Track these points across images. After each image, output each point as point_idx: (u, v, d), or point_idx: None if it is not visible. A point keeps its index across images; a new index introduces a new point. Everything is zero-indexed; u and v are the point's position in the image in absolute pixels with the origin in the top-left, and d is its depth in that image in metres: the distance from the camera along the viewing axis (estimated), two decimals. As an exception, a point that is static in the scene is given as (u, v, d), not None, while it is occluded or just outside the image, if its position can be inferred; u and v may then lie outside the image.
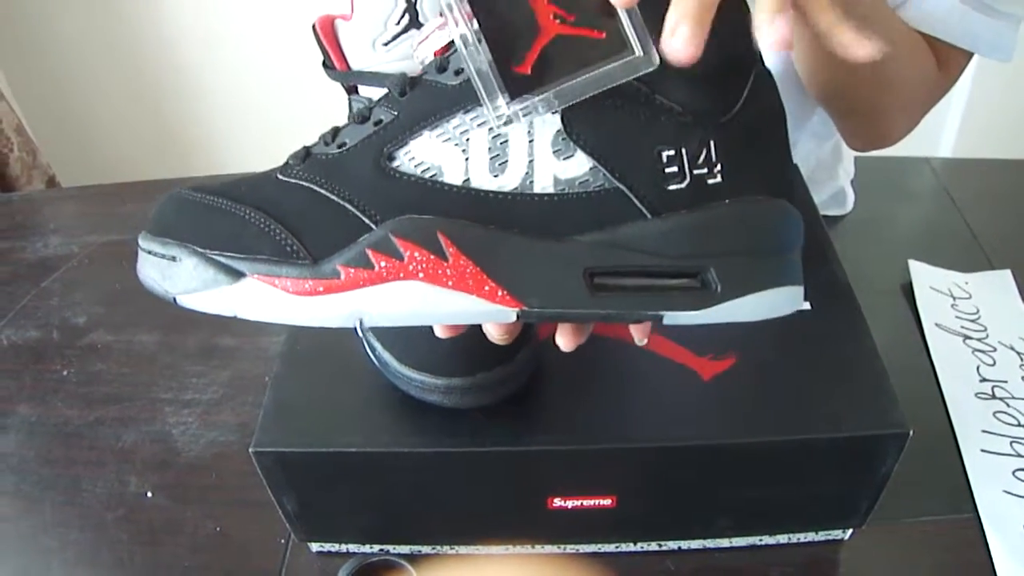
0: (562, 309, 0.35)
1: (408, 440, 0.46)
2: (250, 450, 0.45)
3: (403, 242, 0.34)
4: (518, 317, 0.35)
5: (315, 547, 0.53)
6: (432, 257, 0.34)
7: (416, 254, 0.34)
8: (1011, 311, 0.68)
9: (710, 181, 0.35)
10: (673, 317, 0.36)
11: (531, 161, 0.35)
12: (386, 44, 0.45)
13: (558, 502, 0.48)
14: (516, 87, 0.33)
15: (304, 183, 0.36)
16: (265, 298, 0.35)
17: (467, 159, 0.35)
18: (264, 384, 0.49)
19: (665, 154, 0.35)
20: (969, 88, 1.53)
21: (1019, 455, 0.56)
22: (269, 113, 1.71)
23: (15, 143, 1.49)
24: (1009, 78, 1.47)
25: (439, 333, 0.39)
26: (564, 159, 0.35)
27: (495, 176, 0.35)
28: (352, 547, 0.53)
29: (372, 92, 0.47)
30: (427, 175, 0.35)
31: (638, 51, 0.33)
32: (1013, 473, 0.55)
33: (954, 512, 0.53)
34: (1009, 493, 0.54)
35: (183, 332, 0.72)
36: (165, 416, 0.64)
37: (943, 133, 1.65)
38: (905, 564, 0.52)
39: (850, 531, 0.52)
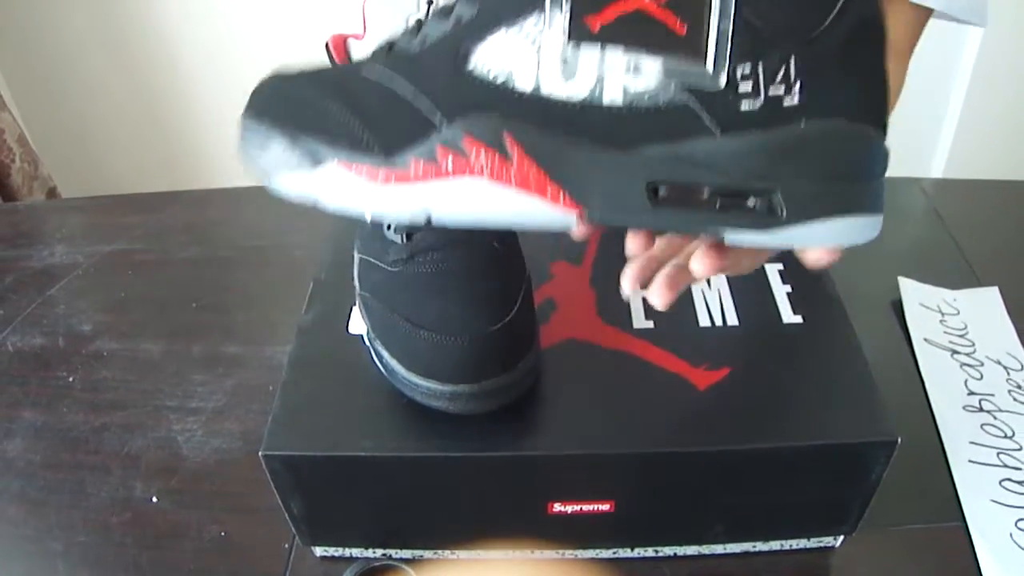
0: (623, 217, 0.36)
1: (414, 445, 0.47)
2: (260, 453, 0.46)
3: (470, 140, 0.35)
4: (579, 221, 0.36)
5: (319, 551, 0.54)
6: (497, 157, 0.35)
7: (482, 153, 0.35)
8: (998, 327, 0.70)
9: (786, 102, 0.34)
10: (734, 236, 0.36)
11: (601, 72, 0.34)
12: (396, 62, 0.47)
13: (558, 507, 0.49)
14: (578, 33, 0.34)
15: (384, 77, 0.37)
16: (344, 184, 0.36)
17: (538, 65, 0.35)
18: (268, 392, 0.51)
19: (740, 71, 0.34)
20: (960, 110, 1.56)
21: (1005, 465, 0.58)
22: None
23: (17, 153, 1.49)
24: (1000, 100, 1.50)
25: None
26: (634, 72, 0.34)
27: (565, 84, 0.35)
28: (355, 551, 0.54)
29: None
30: (499, 79, 0.35)
31: (708, 67, 0.33)
32: (1000, 483, 0.57)
33: (942, 521, 0.55)
34: (996, 502, 0.56)
35: (188, 340, 0.73)
36: (170, 423, 0.65)
37: (935, 154, 1.67)
38: (895, 571, 0.53)
39: (841, 538, 0.53)
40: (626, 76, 0.34)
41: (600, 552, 0.53)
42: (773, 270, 0.58)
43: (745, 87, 0.34)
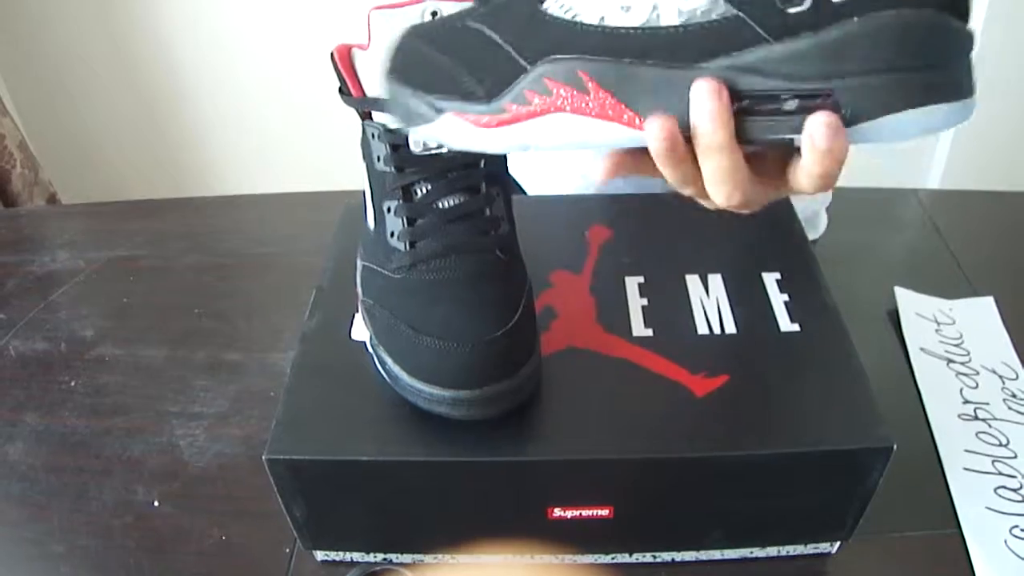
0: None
1: (416, 450, 0.48)
2: (264, 457, 0.47)
3: (551, 81, 0.38)
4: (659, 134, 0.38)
5: (320, 555, 0.55)
6: (575, 92, 0.38)
7: (562, 91, 0.38)
8: (993, 336, 0.71)
9: (834, 0, 0.34)
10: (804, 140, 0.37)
11: None
12: (401, 72, 0.47)
13: (558, 512, 0.49)
14: None
15: (481, 28, 0.41)
16: (459, 130, 0.41)
17: (600, 1, 0.38)
18: (270, 399, 0.51)
19: None
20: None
21: (1000, 473, 0.59)
22: (273, 133, 1.73)
23: (18, 159, 1.50)
24: (996, 112, 1.51)
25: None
26: None
27: (625, 15, 0.37)
28: (356, 556, 0.54)
29: (385, 118, 0.49)
30: (569, 16, 0.38)
31: None
32: (995, 490, 0.57)
33: (938, 528, 0.55)
34: (991, 509, 0.56)
35: (190, 347, 0.73)
36: (172, 428, 0.65)
37: (932, 165, 1.68)
38: (891, 577, 0.54)
39: (837, 544, 0.54)
40: None
41: (599, 557, 0.54)
42: (771, 279, 0.58)
43: None
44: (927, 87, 0.34)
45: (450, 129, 0.41)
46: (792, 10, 0.34)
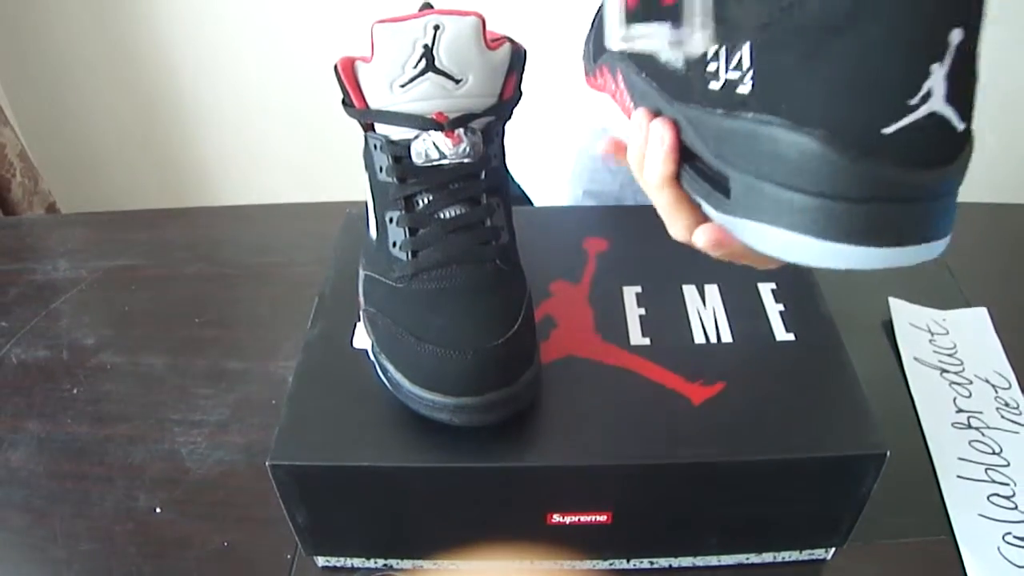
0: None
1: (418, 456, 0.48)
2: (267, 463, 0.47)
3: (604, 68, 0.49)
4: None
5: (321, 561, 0.55)
6: (611, 81, 0.48)
7: (608, 76, 0.49)
8: (986, 346, 0.72)
9: (739, 89, 0.32)
10: (706, 210, 0.37)
11: (648, 36, 0.37)
12: (403, 86, 0.48)
13: (557, 517, 0.50)
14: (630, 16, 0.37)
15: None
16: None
17: (611, 32, 0.40)
18: (271, 406, 0.52)
19: (711, 49, 0.33)
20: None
21: (993, 481, 0.59)
22: (274, 144, 1.73)
23: (17, 168, 1.51)
24: (992, 123, 1.52)
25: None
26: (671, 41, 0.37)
27: (627, 44, 0.40)
28: (356, 562, 0.55)
29: (388, 130, 0.50)
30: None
31: (689, 41, 0.34)
32: (988, 498, 0.58)
33: (932, 534, 0.56)
34: (984, 517, 0.57)
35: (191, 355, 0.74)
36: (174, 435, 0.66)
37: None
38: (885, 583, 0.55)
39: (832, 550, 0.54)
40: (664, 42, 0.36)
41: (597, 563, 0.54)
42: (766, 289, 0.59)
43: (712, 66, 0.33)
44: (791, 209, 0.31)
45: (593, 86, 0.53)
46: (711, 85, 0.34)
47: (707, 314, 0.57)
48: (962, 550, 0.55)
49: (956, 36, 0.25)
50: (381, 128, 0.51)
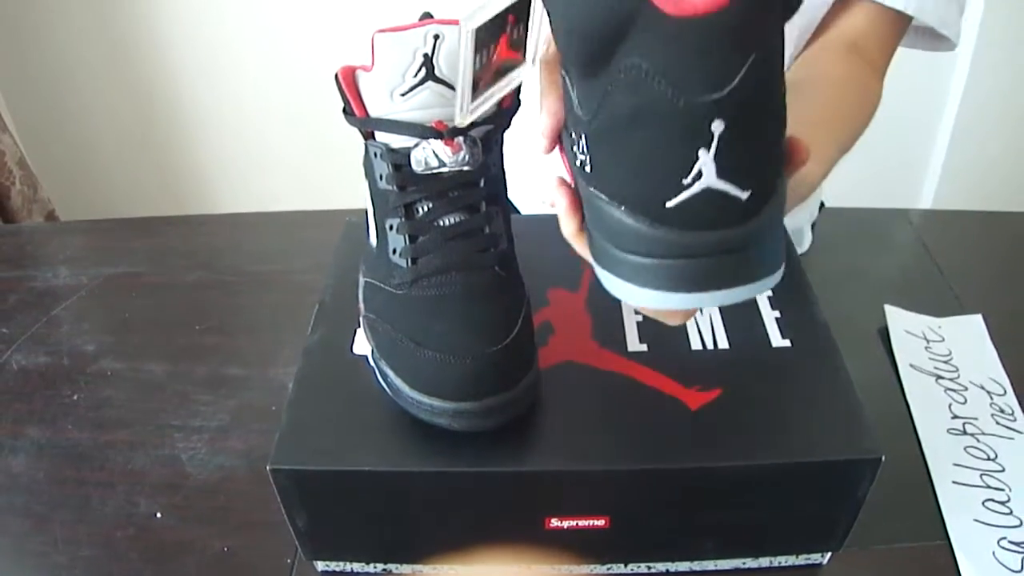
0: None
1: (417, 461, 0.49)
2: (267, 467, 0.48)
3: None
4: None
5: (320, 566, 0.55)
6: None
7: None
8: (981, 353, 0.72)
9: (586, 168, 0.37)
10: (590, 261, 0.41)
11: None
12: (403, 94, 0.49)
13: (555, 522, 0.50)
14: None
15: None
16: None
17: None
18: (271, 413, 0.52)
19: (572, 132, 0.39)
20: (948, 144, 1.59)
21: (988, 486, 0.60)
22: (273, 149, 1.74)
23: (17, 176, 1.51)
24: (987, 133, 1.53)
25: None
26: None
27: None
28: (356, 566, 0.55)
29: (388, 138, 0.50)
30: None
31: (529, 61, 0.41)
32: (983, 503, 0.58)
33: (927, 539, 0.57)
34: (979, 522, 0.57)
35: (192, 362, 0.74)
36: (174, 441, 0.66)
37: (923, 186, 1.70)
38: (881, 588, 0.55)
39: (828, 555, 0.55)
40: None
41: (595, 568, 0.55)
42: (762, 296, 0.60)
43: (574, 148, 0.38)
44: (643, 271, 0.36)
45: None
46: (576, 161, 0.39)
47: (704, 321, 0.58)
48: (957, 555, 0.55)
49: (718, 126, 0.30)
50: (381, 136, 0.51)
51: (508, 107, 0.52)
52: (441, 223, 0.51)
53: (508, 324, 0.50)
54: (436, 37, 0.48)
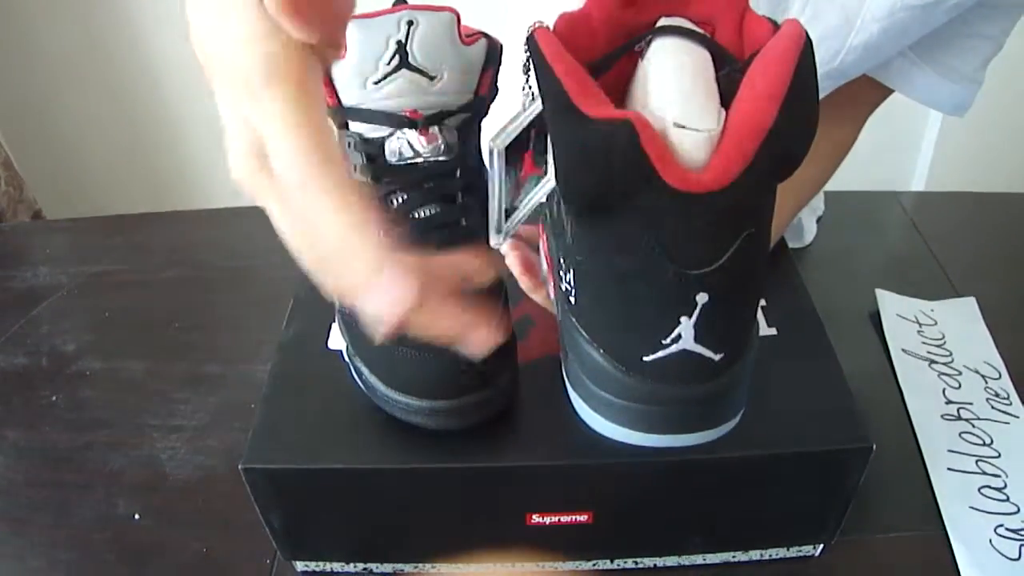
0: None
1: (393, 458, 0.47)
2: (239, 466, 0.47)
3: None
4: None
5: (300, 566, 0.54)
6: None
7: None
8: (976, 336, 0.71)
9: (570, 298, 0.38)
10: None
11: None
12: (376, 83, 0.47)
13: (536, 518, 0.49)
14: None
15: None
16: None
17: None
18: (251, 410, 0.51)
19: (562, 258, 0.40)
20: (939, 126, 1.58)
21: (984, 473, 0.59)
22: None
23: (2, 177, 1.50)
24: (978, 114, 1.51)
25: None
26: None
27: None
28: (336, 566, 0.54)
29: (362, 128, 0.49)
30: None
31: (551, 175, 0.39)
32: (979, 490, 0.57)
33: (922, 528, 0.55)
34: (975, 509, 0.56)
35: (171, 360, 0.73)
36: (153, 441, 0.65)
37: (916, 168, 1.69)
38: (875, 578, 0.54)
39: (820, 547, 0.54)
40: None
41: (580, 564, 0.53)
42: (750, 283, 0.58)
43: (564, 274, 0.39)
44: (615, 410, 0.38)
45: None
46: (562, 285, 0.40)
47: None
48: (953, 543, 0.54)
49: (702, 298, 0.31)
50: (355, 126, 0.50)
51: (485, 94, 0.51)
52: (417, 215, 0.50)
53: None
54: (410, 23, 0.47)
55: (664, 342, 0.33)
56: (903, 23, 0.57)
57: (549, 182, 0.40)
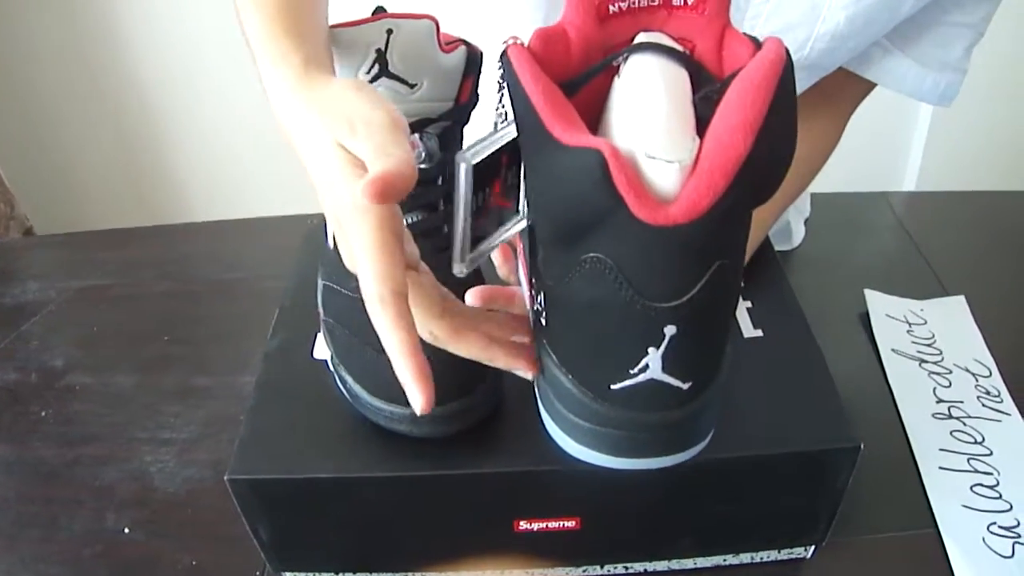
0: None
1: (378, 466, 0.47)
2: (225, 478, 0.46)
3: None
4: None
5: (289, 578, 0.54)
6: None
7: None
8: (965, 335, 0.71)
9: (541, 320, 0.38)
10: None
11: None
12: (356, 91, 0.47)
13: (524, 524, 0.49)
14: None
15: None
16: None
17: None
18: (239, 422, 0.51)
19: (534, 279, 0.39)
20: (928, 124, 1.58)
21: (976, 471, 0.58)
22: (245, 162, 1.73)
23: (-7, 194, 1.50)
24: (968, 112, 1.52)
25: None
26: None
27: None
28: (325, 577, 0.54)
29: None
30: None
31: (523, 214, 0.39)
32: (971, 488, 0.57)
33: (915, 528, 0.55)
34: (967, 507, 0.56)
35: (160, 373, 0.73)
36: (142, 454, 0.65)
37: (907, 168, 1.69)
38: (867, 579, 0.54)
39: (812, 548, 0.53)
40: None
41: (570, 570, 0.53)
42: (736, 285, 0.58)
43: (536, 296, 0.39)
44: (586, 434, 0.37)
45: None
46: (535, 305, 0.40)
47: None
48: (946, 542, 0.54)
49: (670, 330, 0.31)
50: None
51: (466, 102, 0.51)
52: (399, 222, 0.50)
53: (470, 325, 0.48)
54: (389, 31, 0.47)
55: (632, 371, 0.33)
56: (868, 12, 0.57)
57: (521, 222, 0.39)
